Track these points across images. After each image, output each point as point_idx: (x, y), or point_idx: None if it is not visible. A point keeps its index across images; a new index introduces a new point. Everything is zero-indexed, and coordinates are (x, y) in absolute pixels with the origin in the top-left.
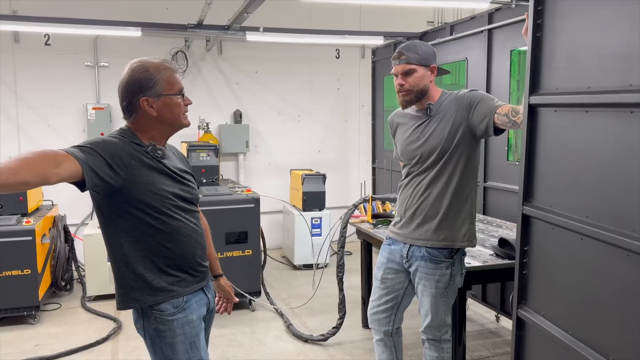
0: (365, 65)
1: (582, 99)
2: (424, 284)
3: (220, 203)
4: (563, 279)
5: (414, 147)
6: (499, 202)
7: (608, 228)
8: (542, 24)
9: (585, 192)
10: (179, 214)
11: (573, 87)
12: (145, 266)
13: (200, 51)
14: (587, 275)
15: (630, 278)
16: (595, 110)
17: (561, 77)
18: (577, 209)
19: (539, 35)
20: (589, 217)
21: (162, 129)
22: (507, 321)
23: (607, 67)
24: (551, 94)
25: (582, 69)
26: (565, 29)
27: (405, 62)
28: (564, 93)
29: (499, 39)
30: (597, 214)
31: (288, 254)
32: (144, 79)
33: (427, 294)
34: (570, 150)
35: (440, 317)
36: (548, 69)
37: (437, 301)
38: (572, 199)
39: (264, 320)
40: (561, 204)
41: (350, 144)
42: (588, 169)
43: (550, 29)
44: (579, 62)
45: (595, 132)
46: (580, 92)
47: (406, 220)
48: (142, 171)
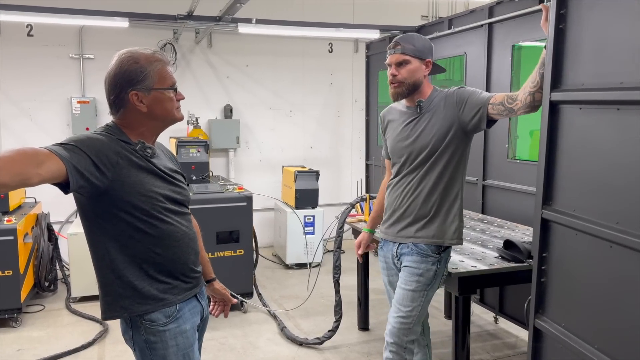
0: (359, 59)
1: (613, 95)
2: (406, 277)
3: (211, 201)
4: (588, 289)
5: (403, 144)
6: (499, 201)
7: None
8: (565, 15)
9: (615, 196)
10: (169, 217)
11: (602, 82)
12: (133, 273)
13: (190, 44)
14: (617, 286)
15: None
16: (629, 108)
17: (588, 72)
18: (605, 214)
19: (562, 27)
20: (620, 223)
21: (152, 125)
22: (505, 323)
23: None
24: (576, 90)
25: (613, 64)
26: (592, 20)
27: (400, 52)
28: (591, 89)
29: (500, 33)
30: (629, 220)
31: (280, 253)
32: (133, 72)
33: (407, 287)
34: (598, 150)
35: (413, 317)
36: (572, 63)
37: (415, 297)
38: (600, 203)
39: (256, 323)
40: (586, 208)
41: (343, 140)
42: (619, 171)
43: (575, 20)
44: (609, 56)
45: (628, 131)
46: (610, 88)
47: (396, 219)
48: (130, 171)
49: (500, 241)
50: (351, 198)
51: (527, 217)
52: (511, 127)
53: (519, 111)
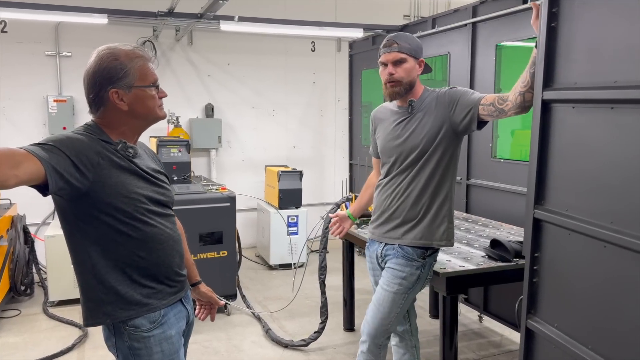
0: (342, 58)
1: (607, 94)
2: (388, 278)
3: (193, 202)
4: (581, 289)
5: (394, 144)
6: (483, 200)
7: (637, 235)
8: (557, 13)
9: (609, 196)
10: (153, 219)
11: (595, 81)
12: (116, 278)
13: (170, 41)
14: (611, 286)
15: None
16: (623, 107)
17: (581, 71)
18: (599, 213)
19: (554, 25)
20: (614, 223)
21: (133, 124)
22: (490, 321)
23: (638, 59)
24: (569, 89)
25: (607, 62)
26: (585, 17)
27: (397, 50)
28: (584, 88)
29: (484, 32)
30: (623, 220)
31: (263, 254)
32: (113, 69)
33: (388, 289)
34: (592, 149)
35: (391, 318)
36: (565, 62)
37: (395, 299)
38: (594, 203)
39: (240, 325)
40: (580, 207)
41: (326, 139)
42: (613, 170)
43: (567, 18)
44: (602, 55)
45: (623, 130)
46: (604, 87)
47: (384, 220)
48: (111, 172)
49: (486, 240)
50: (335, 198)
51: (511, 216)
52: (493, 126)
53: (509, 112)
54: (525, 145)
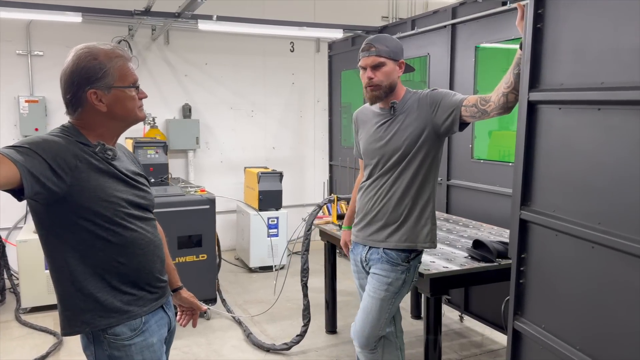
0: (321, 59)
1: (593, 95)
2: (375, 285)
3: (171, 205)
4: (569, 290)
5: (376, 146)
6: (463, 200)
7: (625, 236)
8: (543, 14)
9: (596, 197)
10: (133, 224)
11: (582, 82)
12: (95, 284)
13: (145, 40)
14: (599, 286)
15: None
16: (610, 108)
17: (567, 72)
18: (586, 214)
19: (539, 27)
20: (602, 224)
21: (112, 125)
22: (470, 321)
23: (625, 61)
24: (555, 90)
25: (593, 63)
26: (571, 19)
27: (375, 54)
28: (570, 89)
29: (463, 34)
30: (611, 221)
31: (243, 256)
32: (92, 68)
33: (375, 296)
34: (579, 150)
35: (380, 324)
36: (551, 63)
37: (383, 305)
38: (581, 204)
39: (220, 330)
40: (567, 208)
41: (305, 140)
42: (601, 171)
43: (553, 19)
44: (589, 56)
45: (610, 131)
46: (591, 88)
47: (367, 222)
48: (90, 175)
49: (468, 241)
50: (315, 199)
51: (491, 216)
52: (472, 127)
53: (492, 113)
54: (502, 145)
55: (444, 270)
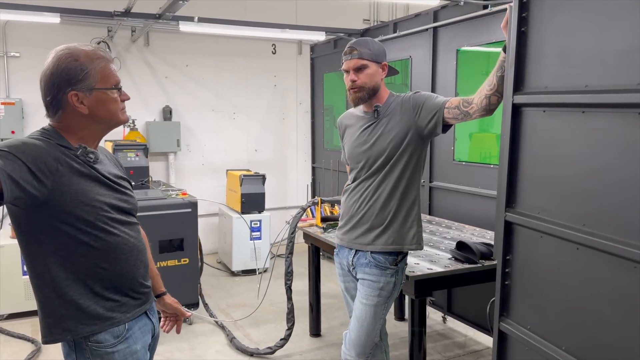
0: (303, 61)
1: (577, 98)
2: (366, 291)
3: (152, 208)
4: (554, 291)
5: (360, 150)
6: (446, 202)
7: (610, 237)
8: (527, 17)
9: (581, 199)
10: (116, 228)
11: (566, 85)
12: (77, 291)
13: (125, 42)
14: (584, 288)
15: (638, 291)
16: (594, 111)
17: (551, 75)
18: (571, 216)
19: (524, 30)
20: (587, 225)
21: (94, 128)
22: (454, 322)
23: (609, 64)
24: (539, 92)
25: (577, 66)
26: (556, 22)
27: (358, 57)
28: (555, 92)
29: (445, 37)
30: (596, 222)
31: (225, 260)
32: (73, 70)
33: (368, 303)
34: (563, 153)
35: (376, 331)
36: (535, 66)
37: (377, 311)
38: (566, 206)
39: (203, 334)
40: (551, 210)
41: (288, 142)
42: (585, 173)
43: (537, 22)
44: (573, 59)
45: (594, 133)
46: (575, 91)
47: (353, 226)
48: (71, 179)
49: (451, 242)
50: (298, 201)
51: (473, 218)
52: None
53: (474, 114)
54: (483, 147)
55: (428, 272)
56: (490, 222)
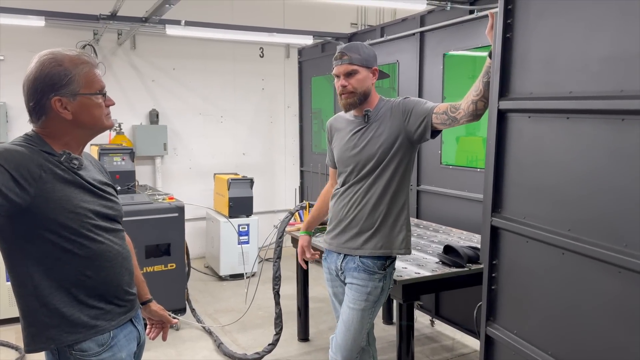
0: (291, 65)
1: (562, 104)
2: (354, 296)
3: (139, 213)
4: (540, 296)
5: (350, 154)
6: (433, 205)
7: (595, 243)
8: (512, 24)
9: (566, 204)
10: (100, 235)
11: (551, 91)
12: (61, 299)
13: (111, 45)
14: (570, 293)
15: (622, 296)
16: (579, 117)
17: (536, 81)
18: (557, 221)
19: (509, 36)
20: (572, 230)
21: (78, 133)
22: (442, 325)
23: (593, 70)
24: (525, 98)
25: (562, 72)
26: (541, 29)
27: (348, 62)
28: (540, 98)
29: (432, 42)
30: (581, 228)
31: (213, 264)
32: (56, 75)
33: (355, 307)
34: (549, 158)
35: (362, 335)
36: (520, 71)
37: (364, 316)
38: (551, 211)
39: (190, 340)
40: (537, 215)
41: (276, 146)
42: (570, 178)
43: (522, 28)
44: (558, 65)
45: (578, 139)
46: (560, 97)
47: (341, 230)
48: (55, 185)
49: (439, 246)
50: (286, 205)
51: (460, 221)
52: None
53: (461, 120)
54: (470, 151)
55: (416, 276)
56: (477, 225)
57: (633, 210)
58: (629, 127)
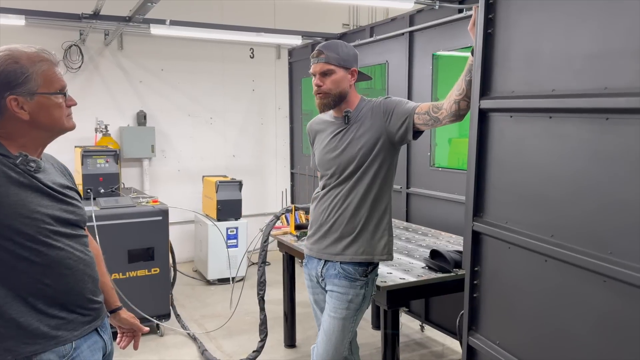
0: (282, 66)
1: (544, 103)
2: (335, 304)
3: (121, 217)
4: (523, 305)
5: (330, 156)
6: (422, 208)
7: (578, 250)
8: (494, 19)
9: (549, 208)
10: (60, 241)
11: (533, 90)
12: (17, 309)
13: (98, 45)
14: (553, 302)
15: (607, 306)
16: (561, 116)
17: (518, 79)
18: (539, 226)
19: (490, 32)
20: (555, 237)
21: (36, 135)
22: (432, 331)
23: (576, 67)
24: (506, 97)
25: (544, 70)
26: (522, 24)
27: (324, 61)
28: (522, 97)
29: (421, 41)
30: (564, 233)
31: (200, 268)
32: (12, 73)
33: (337, 316)
34: (531, 160)
35: (344, 345)
36: (502, 69)
37: (346, 325)
38: (533, 216)
39: (174, 347)
40: (519, 220)
41: (266, 148)
42: (553, 181)
43: (504, 24)
44: (540, 62)
45: (561, 140)
46: (542, 95)
47: (322, 235)
48: (8, 189)
49: (426, 250)
50: (277, 207)
51: (449, 225)
52: (431, 135)
53: (444, 120)
54: (462, 153)
55: (400, 282)
56: None
57: (618, 216)
58: (613, 127)
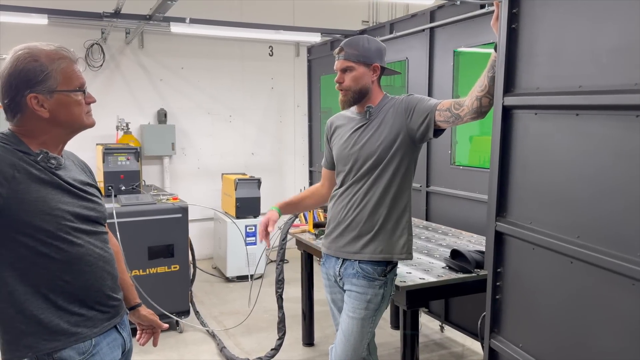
0: (300, 63)
1: (571, 99)
2: (353, 304)
3: (142, 214)
4: (547, 307)
5: (350, 151)
6: (443, 207)
7: (606, 251)
8: (518, 14)
9: (575, 208)
10: (80, 238)
11: (559, 86)
12: (38, 305)
13: (119, 44)
14: (579, 305)
15: (635, 310)
16: (589, 113)
17: (543, 75)
18: (565, 227)
19: (514, 27)
20: (581, 237)
21: (56, 132)
22: (451, 331)
23: (604, 63)
24: (531, 94)
25: (571, 65)
26: (548, 18)
27: (344, 58)
28: (547, 93)
29: (441, 38)
30: (590, 234)
31: (220, 265)
32: (32, 71)
33: (355, 316)
34: (556, 158)
35: (363, 345)
36: (526, 65)
37: (364, 325)
38: (559, 216)
39: (193, 343)
40: (544, 220)
41: (285, 146)
42: (579, 180)
43: (529, 19)
44: (566, 58)
45: (589, 138)
46: (568, 92)
47: (340, 233)
48: (30, 186)
49: (446, 250)
50: None
51: (470, 224)
52: (451, 133)
53: (465, 117)
54: (483, 151)
55: (420, 282)
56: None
57: None
58: None
